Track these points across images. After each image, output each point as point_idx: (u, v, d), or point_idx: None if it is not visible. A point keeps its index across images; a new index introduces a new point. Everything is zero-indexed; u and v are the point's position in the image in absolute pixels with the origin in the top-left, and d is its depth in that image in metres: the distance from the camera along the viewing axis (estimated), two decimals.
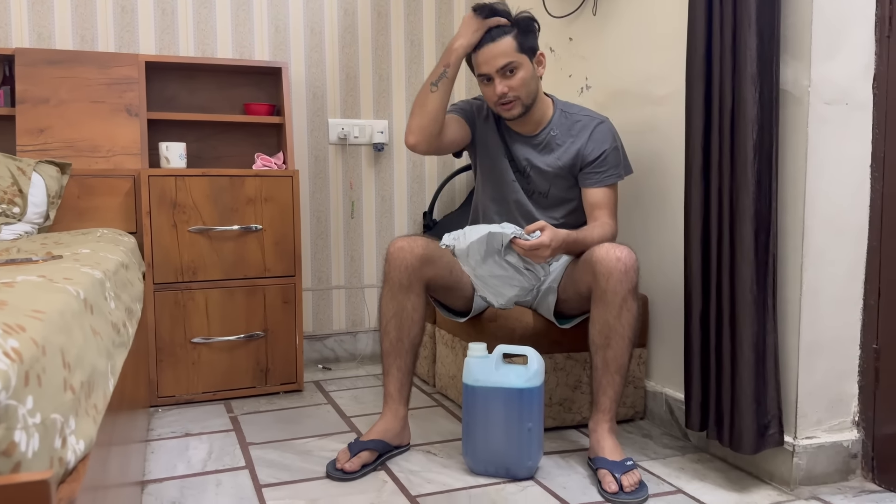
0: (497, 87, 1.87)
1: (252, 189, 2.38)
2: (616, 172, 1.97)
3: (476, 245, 1.82)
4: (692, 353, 1.79)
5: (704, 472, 1.79)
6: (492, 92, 1.89)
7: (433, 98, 1.89)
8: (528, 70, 1.88)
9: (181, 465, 1.84)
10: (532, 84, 1.90)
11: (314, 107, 2.84)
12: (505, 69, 1.86)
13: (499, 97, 1.88)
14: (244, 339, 2.40)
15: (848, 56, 1.65)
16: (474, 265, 1.87)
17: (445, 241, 1.83)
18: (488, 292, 1.98)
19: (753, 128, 1.60)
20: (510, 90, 1.87)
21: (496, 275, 1.90)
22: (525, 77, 1.88)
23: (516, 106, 1.90)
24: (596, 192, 1.96)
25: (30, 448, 0.59)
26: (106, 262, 1.32)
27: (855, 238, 1.70)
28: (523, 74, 1.87)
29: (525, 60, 1.87)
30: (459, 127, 2.02)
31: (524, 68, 1.87)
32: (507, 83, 1.87)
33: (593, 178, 1.96)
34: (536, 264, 1.91)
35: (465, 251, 1.83)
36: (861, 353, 1.73)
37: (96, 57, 2.45)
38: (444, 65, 1.90)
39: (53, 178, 2.14)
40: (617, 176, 1.97)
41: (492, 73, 1.87)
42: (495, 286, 1.95)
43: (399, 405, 1.88)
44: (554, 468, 1.82)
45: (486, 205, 2.09)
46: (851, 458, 1.73)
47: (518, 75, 1.87)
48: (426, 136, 1.91)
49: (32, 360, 0.63)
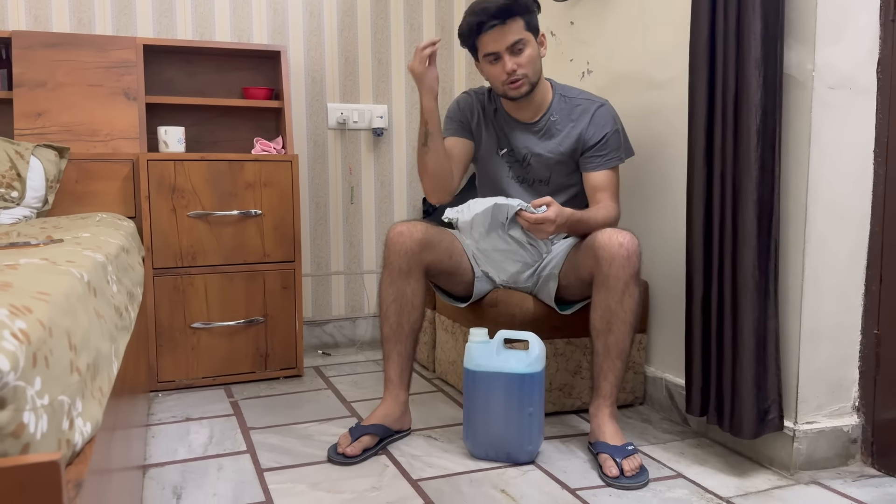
0: (507, 64, 1.84)
1: (251, 174, 2.37)
2: (617, 155, 1.96)
3: (481, 217, 1.82)
4: (693, 339, 1.79)
5: (704, 457, 1.80)
6: (500, 70, 1.86)
7: (430, 157, 1.91)
8: (534, 48, 1.87)
9: (182, 449, 1.84)
10: (538, 63, 1.90)
11: (313, 91, 2.82)
12: (514, 47, 1.84)
13: (508, 75, 1.86)
14: (244, 324, 2.40)
15: (852, 40, 1.64)
16: (477, 238, 1.88)
17: (449, 215, 1.83)
18: (490, 267, 1.98)
19: (757, 112, 1.59)
20: (519, 67, 1.85)
21: (499, 248, 1.92)
22: (532, 55, 1.87)
23: (524, 84, 1.88)
24: (598, 175, 1.95)
25: (38, 429, 0.59)
26: (107, 246, 1.32)
27: (857, 224, 1.70)
28: (531, 52, 1.86)
29: (531, 38, 1.87)
30: (463, 147, 2.03)
31: (531, 46, 1.86)
32: (516, 60, 1.85)
33: (595, 162, 1.95)
34: (539, 240, 1.91)
35: (468, 223, 1.83)
36: (862, 339, 1.73)
37: (94, 40, 2.42)
38: (423, 124, 1.90)
39: (52, 163, 2.12)
40: (618, 159, 1.96)
41: (500, 50, 1.84)
42: (498, 261, 1.96)
43: (400, 390, 1.88)
44: (554, 453, 1.82)
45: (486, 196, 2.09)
46: (851, 443, 1.73)
47: (526, 52, 1.85)
48: (443, 189, 1.95)
49: (40, 342, 0.62)
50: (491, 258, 1.95)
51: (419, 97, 1.91)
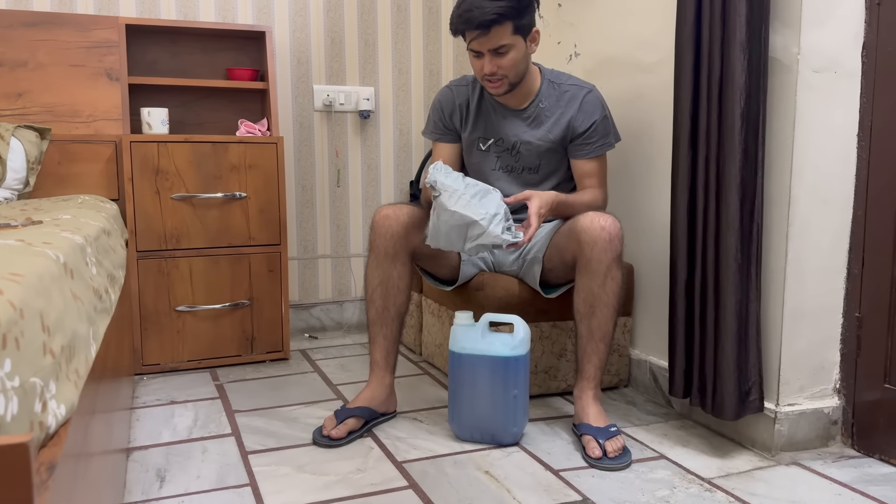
0: (486, 65, 1.82)
1: (236, 156, 2.35)
2: (606, 142, 1.96)
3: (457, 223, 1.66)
4: (676, 321, 1.80)
5: (687, 439, 1.82)
6: (479, 66, 1.85)
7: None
8: (520, 50, 1.83)
9: (166, 432, 1.84)
10: (522, 63, 1.86)
11: (299, 72, 2.79)
12: (497, 50, 1.80)
13: (486, 75, 1.85)
14: (229, 307, 2.39)
15: (837, 24, 1.64)
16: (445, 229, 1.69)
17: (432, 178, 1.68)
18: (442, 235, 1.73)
19: (741, 96, 1.59)
20: (500, 69, 1.82)
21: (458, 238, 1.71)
22: (516, 57, 1.82)
23: (503, 84, 1.86)
24: (586, 162, 1.95)
25: (8, 412, 0.58)
26: (87, 228, 1.30)
27: (840, 207, 1.71)
28: (514, 55, 1.82)
29: (518, 41, 1.81)
30: (451, 149, 2.04)
31: (516, 49, 1.82)
32: (497, 62, 1.82)
33: (584, 150, 1.94)
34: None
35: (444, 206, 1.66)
36: (844, 322, 1.75)
37: (75, 19, 2.39)
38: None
39: (33, 144, 2.10)
40: (607, 145, 1.96)
41: (483, 51, 1.82)
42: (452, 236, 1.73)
43: (385, 373, 1.88)
44: (539, 434, 1.83)
45: None
46: (832, 425, 1.75)
47: (509, 55, 1.81)
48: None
49: (10, 323, 0.62)
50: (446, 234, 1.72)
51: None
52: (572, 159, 1.97)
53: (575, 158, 1.97)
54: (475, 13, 1.75)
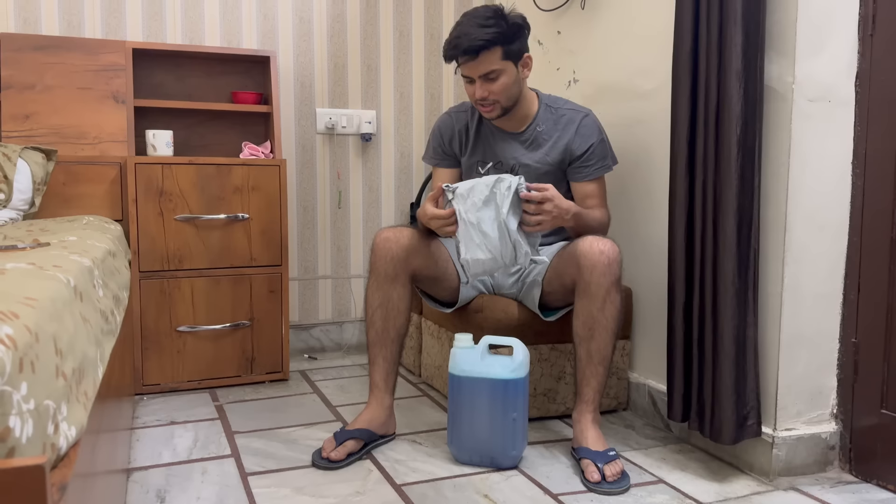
0: (476, 91, 1.87)
1: (239, 178, 2.38)
2: (604, 164, 1.99)
3: (482, 186, 1.74)
4: (675, 345, 1.81)
5: (686, 463, 1.82)
6: (471, 91, 1.90)
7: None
8: (510, 76, 1.87)
9: (166, 452, 1.84)
10: (514, 88, 1.89)
11: (302, 96, 2.83)
12: (487, 76, 1.85)
13: (478, 99, 1.89)
14: (230, 327, 2.40)
15: (832, 54, 1.67)
16: (469, 206, 1.76)
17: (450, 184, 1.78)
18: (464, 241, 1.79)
19: (738, 123, 1.62)
20: (490, 94, 1.87)
21: (483, 230, 1.77)
22: (507, 83, 1.87)
23: (495, 109, 1.91)
24: (586, 185, 1.98)
25: (24, 434, 0.60)
26: (94, 250, 1.32)
27: (836, 233, 1.73)
28: (505, 80, 1.86)
29: (509, 66, 1.86)
30: (451, 174, 2.09)
31: (507, 74, 1.86)
32: (488, 87, 1.86)
33: (583, 173, 1.97)
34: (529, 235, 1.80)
35: (468, 189, 1.75)
36: (840, 347, 1.76)
37: (83, 43, 2.43)
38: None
39: (39, 165, 2.12)
40: (605, 168, 1.99)
41: (473, 76, 1.86)
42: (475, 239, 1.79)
43: (385, 394, 1.89)
44: (538, 458, 1.84)
45: None
46: (829, 450, 1.76)
47: (500, 81, 1.85)
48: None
49: (26, 347, 0.63)
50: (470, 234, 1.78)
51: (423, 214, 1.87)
52: (572, 182, 2.00)
53: (575, 181, 2.00)
54: (463, 40, 1.80)
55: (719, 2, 1.65)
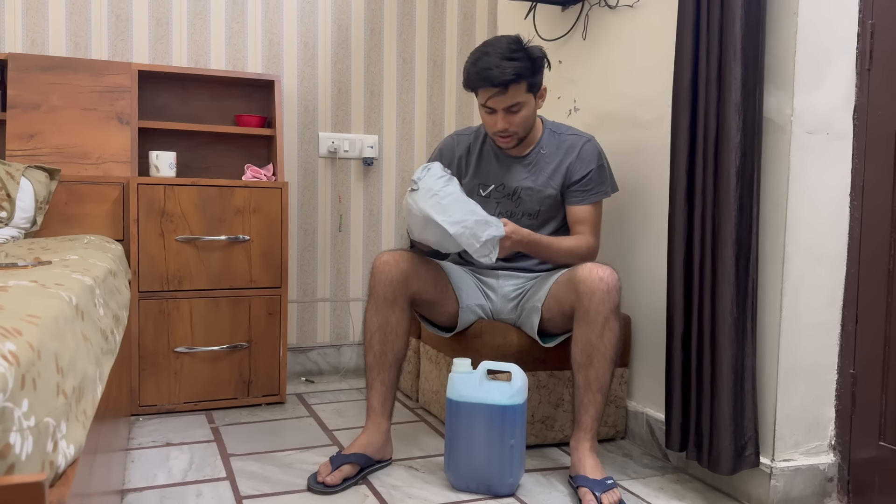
0: (499, 122, 1.90)
1: (241, 200, 2.39)
2: (601, 190, 2.00)
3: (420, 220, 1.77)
4: (673, 374, 1.81)
5: (683, 493, 1.81)
6: (492, 122, 1.92)
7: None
8: (530, 108, 1.91)
9: (161, 474, 1.83)
10: (531, 119, 1.94)
11: (305, 120, 2.86)
12: (510, 108, 1.88)
13: (498, 131, 1.92)
14: (228, 349, 2.40)
15: (830, 87, 1.70)
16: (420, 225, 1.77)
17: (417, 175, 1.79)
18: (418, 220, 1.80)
19: (737, 154, 1.64)
20: (511, 126, 1.90)
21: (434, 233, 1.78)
22: (527, 115, 1.91)
23: (513, 140, 1.95)
24: (579, 209, 1.99)
25: (24, 451, 0.60)
26: (95, 269, 1.33)
27: (834, 265, 1.74)
28: (525, 112, 1.90)
29: (530, 98, 1.90)
30: None
31: (528, 106, 1.90)
32: (509, 120, 1.89)
33: (578, 196, 1.99)
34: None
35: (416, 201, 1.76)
36: (838, 378, 1.76)
37: (89, 64, 2.45)
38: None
39: (42, 184, 2.13)
40: (603, 193, 2.00)
41: (497, 108, 1.89)
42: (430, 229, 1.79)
43: (382, 419, 1.89)
44: (535, 486, 1.83)
45: None
46: (827, 482, 1.75)
47: (521, 114, 1.89)
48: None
49: (28, 364, 0.64)
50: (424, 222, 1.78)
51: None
52: (567, 205, 2.01)
53: (569, 204, 2.01)
54: (494, 72, 1.81)
55: (719, 35, 1.67)
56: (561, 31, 2.54)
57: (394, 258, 1.87)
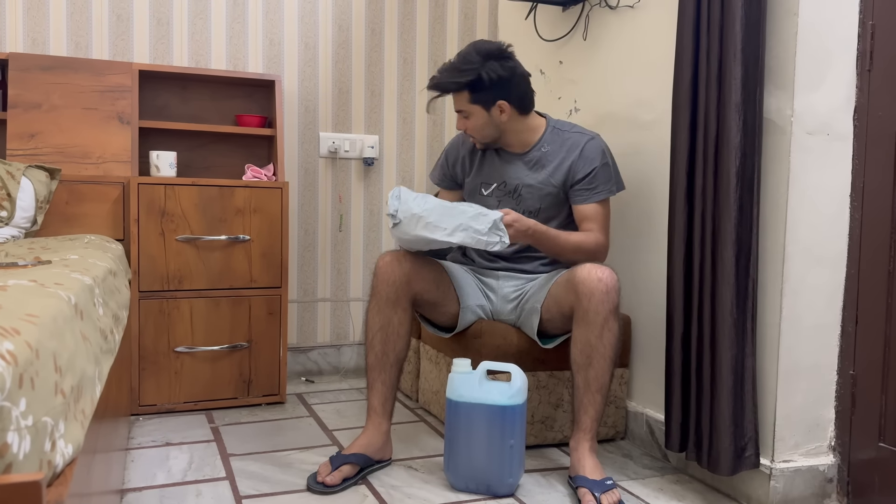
0: (457, 123, 2.03)
1: (241, 200, 2.39)
2: (607, 188, 1.99)
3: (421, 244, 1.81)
4: (673, 375, 1.81)
5: (683, 493, 1.81)
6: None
7: None
8: (479, 118, 1.96)
9: (161, 474, 1.83)
10: (488, 129, 1.98)
11: (306, 120, 2.86)
12: (460, 112, 1.99)
13: (459, 130, 2.06)
14: (228, 349, 2.40)
15: (830, 88, 1.70)
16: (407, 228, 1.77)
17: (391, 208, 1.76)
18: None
19: (737, 155, 1.64)
20: (467, 129, 2.01)
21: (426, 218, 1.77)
22: (477, 123, 1.97)
23: (476, 141, 2.04)
24: (586, 207, 1.99)
25: (21, 450, 0.60)
26: (95, 269, 1.33)
27: (834, 266, 1.74)
28: (475, 121, 1.97)
29: (477, 110, 1.95)
30: (454, 196, 2.19)
31: (476, 116, 1.96)
32: (463, 123, 2.00)
33: (583, 195, 1.98)
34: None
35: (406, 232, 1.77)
36: (838, 379, 1.76)
37: (90, 64, 2.46)
38: None
39: (42, 183, 2.14)
40: (608, 192, 1.99)
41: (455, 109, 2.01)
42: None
43: (382, 419, 1.89)
44: (534, 486, 1.83)
45: None
46: (827, 483, 1.75)
47: (471, 120, 1.98)
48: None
49: (26, 364, 0.64)
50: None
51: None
52: (573, 205, 2.01)
53: (575, 203, 2.00)
54: (437, 79, 1.97)
55: (719, 35, 1.67)
56: (561, 31, 2.54)
57: (396, 258, 1.87)
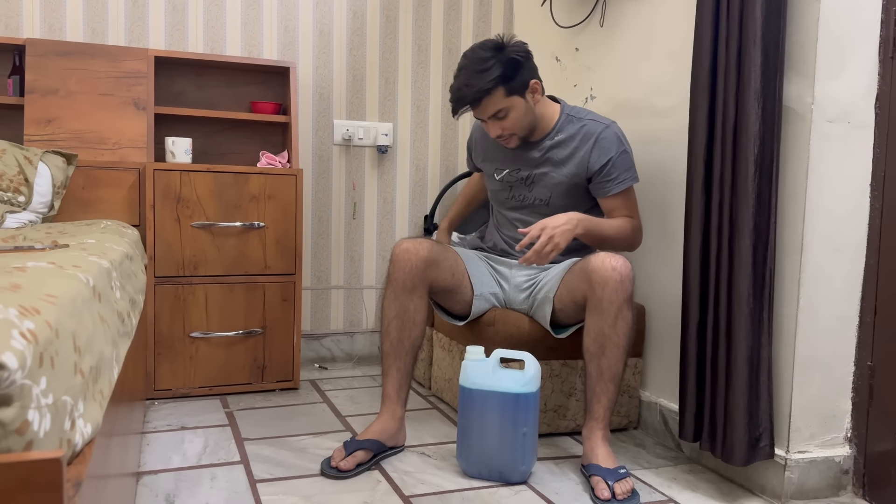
0: (491, 130, 1.92)
1: (256, 186, 2.40)
2: (629, 175, 1.97)
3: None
4: (688, 364, 1.80)
5: (696, 483, 1.80)
6: (488, 129, 1.95)
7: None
8: (519, 108, 1.89)
9: (176, 457, 1.85)
10: (526, 118, 1.92)
11: (320, 107, 2.85)
12: (496, 115, 1.88)
13: (495, 137, 1.94)
14: (242, 335, 2.41)
15: (851, 75, 1.67)
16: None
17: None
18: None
19: (755, 143, 1.62)
20: (504, 130, 1.91)
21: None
22: (517, 116, 1.89)
23: (513, 140, 1.96)
24: (612, 199, 1.98)
25: (42, 428, 0.60)
26: (112, 253, 1.34)
27: (853, 255, 1.72)
28: (515, 114, 1.89)
29: (515, 101, 1.87)
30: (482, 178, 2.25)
31: (516, 108, 1.88)
32: (500, 125, 1.90)
33: (606, 188, 1.96)
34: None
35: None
36: (855, 370, 1.74)
37: (106, 50, 2.46)
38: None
39: (59, 169, 2.15)
40: (631, 179, 1.97)
41: (484, 118, 1.91)
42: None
43: (397, 406, 1.89)
44: (547, 474, 1.83)
45: (495, 214, 2.20)
46: (843, 474, 1.74)
47: (510, 117, 1.89)
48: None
49: (46, 343, 0.64)
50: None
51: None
52: (598, 198, 2.00)
53: (600, 196, 1.99)
54: (464, 91, 1.84)
55: (739, 21, 1.65)
56: (578, 17, 2.52)
57: (413, 246, 1.87)
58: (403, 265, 1.85)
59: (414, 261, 1.85)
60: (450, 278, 1.95)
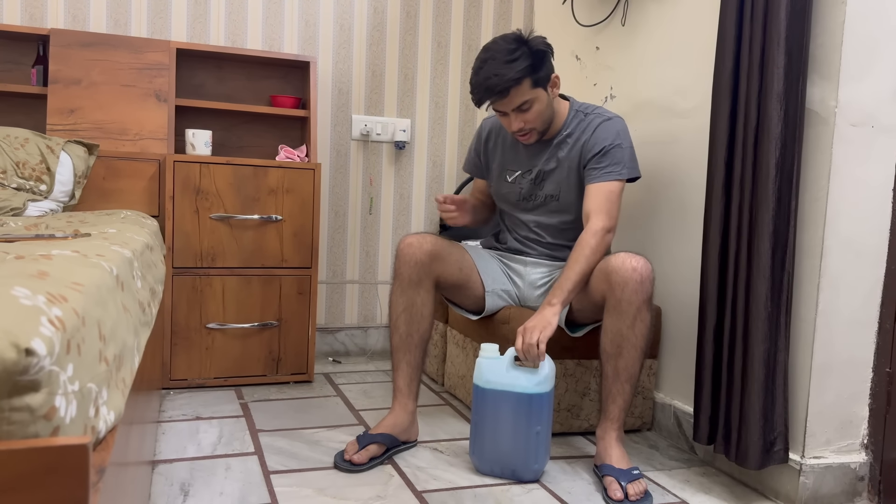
0: (513, 123, 1.89)
1: (274, 180, 2.41)
2: (616, 170, 1.90)
3: None
4: (704, 367, 1.79)
5: (710, 486, 1.80)
6: (507, 124, 1.91)
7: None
8: (542, 101, 1.87)
9: (191, 447, 1.86)
10: (547, 111, 1.90)
11: (339, 102, 2.86)
12: (520, 107, 1.85)
13: (514, 131, 1.91)
14: (258, 327, 2.42)
15: (876, 79, 1.65)
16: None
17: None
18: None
19: (777, 145, 1.61)
20: (526, 123, 1.88)
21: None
22: (540, 108, 1.87)
23: (533, 135, 1.93)
24: (592, 187, 1.90)
25: (68, 414, 0.61)
26: (133, 242, 1.35)
27: (873, 261, 1.70)
28: (538, 107, 1.87)
29: (539, 93, 1.85)
30: (486, 185, 2.18)
31: (539, 100, 1.86)
32: (522, 118, 1.87)
33: (591, 174, 1.92)
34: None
35: None
36: (873, 377, 1.73)
37: (129, 41, 2.48)
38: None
39: (81, 158, 2.17)
40: (616, 173, 1.90)
41: (506, 111, 1.87)
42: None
43: (408, 400, 1.90)
44: (559, 473, 1.83)
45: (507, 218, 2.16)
46: (858, 481, 1.73)
47: (533, 109, 1.86)
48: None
49: (73, 330, 0.65)
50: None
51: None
52: (585, 185, 1.94)
53: (586, 183, 1.93)
54: (493, 80, 1.79)
55: (763, 23, 1.64)
56: (599, 16, 2.51)
57: (417, 241, 1.88)
58: (408, 259, 1.86)
59: (418, 255, 1.86)
60: (457, 273, 1.95)
